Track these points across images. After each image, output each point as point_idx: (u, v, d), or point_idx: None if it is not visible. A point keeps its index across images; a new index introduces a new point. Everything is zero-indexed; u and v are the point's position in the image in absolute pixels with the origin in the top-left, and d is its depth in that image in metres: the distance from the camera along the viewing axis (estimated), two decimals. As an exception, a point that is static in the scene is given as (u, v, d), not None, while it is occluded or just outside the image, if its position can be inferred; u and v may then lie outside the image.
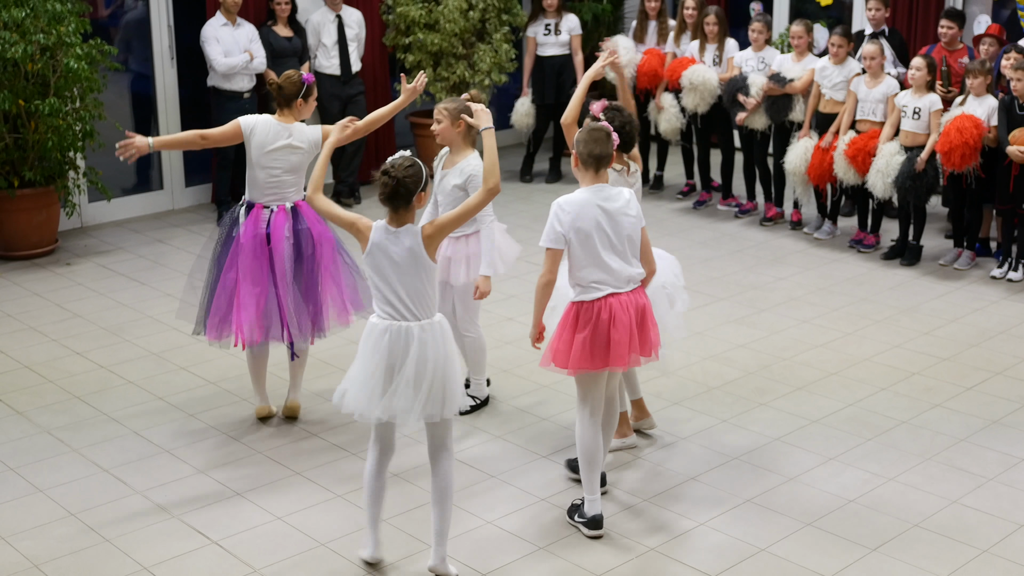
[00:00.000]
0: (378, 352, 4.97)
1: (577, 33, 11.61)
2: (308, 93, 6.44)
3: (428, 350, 4.96)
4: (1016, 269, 8.87)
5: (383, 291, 4.99)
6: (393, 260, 4.97)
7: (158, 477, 5.97)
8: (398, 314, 4.97)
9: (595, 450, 5.46)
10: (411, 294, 4.97)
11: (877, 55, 9.13)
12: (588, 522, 5.46)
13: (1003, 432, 6.45)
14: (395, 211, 5.03)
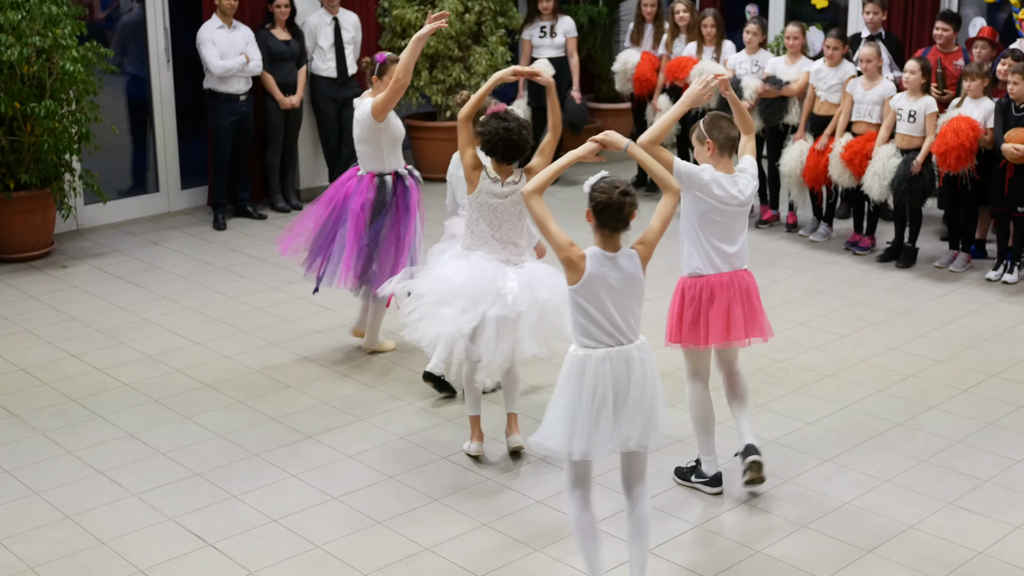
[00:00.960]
0: (600, 382, 4.68)
1: (572, 35, 11.62)
2: (381, 71, 6.99)
3: (648, 370, 4.76)
4: (1011, 271, 8.88)
5: (596, 318, 4.68)
6: (611, 286, 4.67)
7: (154, 479, 5.97)
8: (613, 339, 4.70)
9: (707, 415, 5.76)
10: (625, 316, 4.71)
11: (874, 58, 9.15)
12: (709, 481, 5.79)
13: (998, 434, 6.46)
14: (613, 233, 4.70)
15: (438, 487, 5.88)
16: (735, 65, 10.26)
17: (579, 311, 4.70)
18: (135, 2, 10.54)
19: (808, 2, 12.16)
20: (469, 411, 6.22)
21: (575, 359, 4.73)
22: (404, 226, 7.20)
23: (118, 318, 8.19)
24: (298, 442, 6.38)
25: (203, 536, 5.44)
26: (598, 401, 4.68)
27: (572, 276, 4.68)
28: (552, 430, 4.75)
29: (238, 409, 6.78)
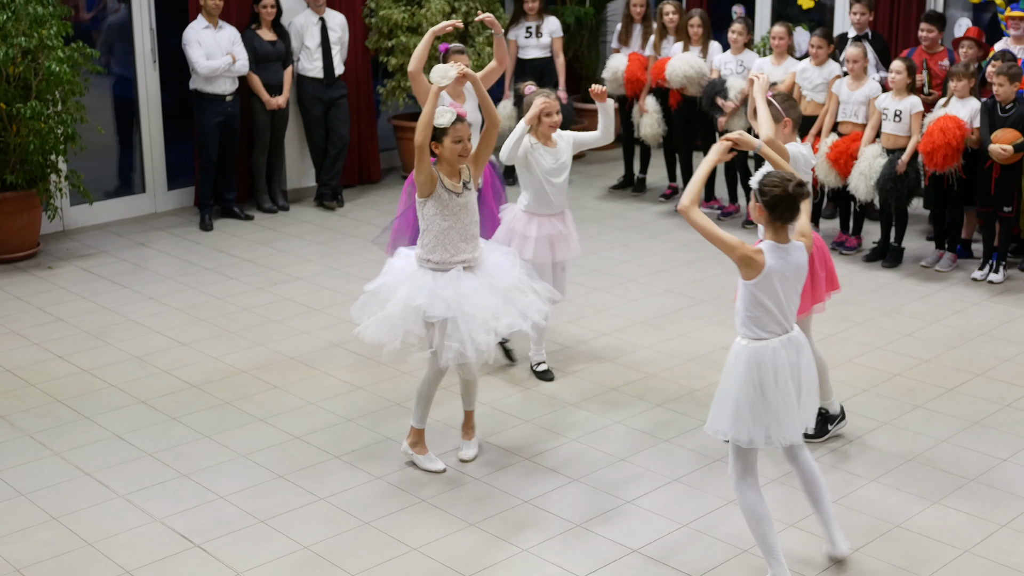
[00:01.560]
0: (781, 371, 4.83)
1: (558, 36, 11.61)
2: (443, 61, 7.09)
3: (809, 353, 4.99)
4: (997, 271, 8.91)
5: (771, 310, 4.81)
6: (785, 277, 4.81)
7: (140, 481, 5.96)
8: (781, 328, 4.86)
9: (823, 367, 6.11)
10: (792, 305, 4.87)
11: (860, 58, 9.16)
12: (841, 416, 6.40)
13: (984, 433, 6.48)
14: (785, 225, 4.84)
15: (425, 487, 5.89)
16: (720, 65, 10.28)
17: (756, 305, 4.83)
18: (121, 2, 10.52)
19: (794, 2, 12.18)
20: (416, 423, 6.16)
21: (751, 351, 4.85)
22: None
23: (104, 319, 8.18)
24: (285, 443, 6.37)
25: (190, 537, 5.43)
26: (783, 389, 4.85)
27: (750, 272, 4.79)
28: (729, 420, 4.88)
29: (225, 410, 6.78)
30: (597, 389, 7.05)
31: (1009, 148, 8.48)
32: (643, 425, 6.57)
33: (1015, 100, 8.61)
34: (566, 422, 6.62)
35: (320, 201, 11.01)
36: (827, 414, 6.38)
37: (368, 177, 11.91)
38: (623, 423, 6.60)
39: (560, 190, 7.03)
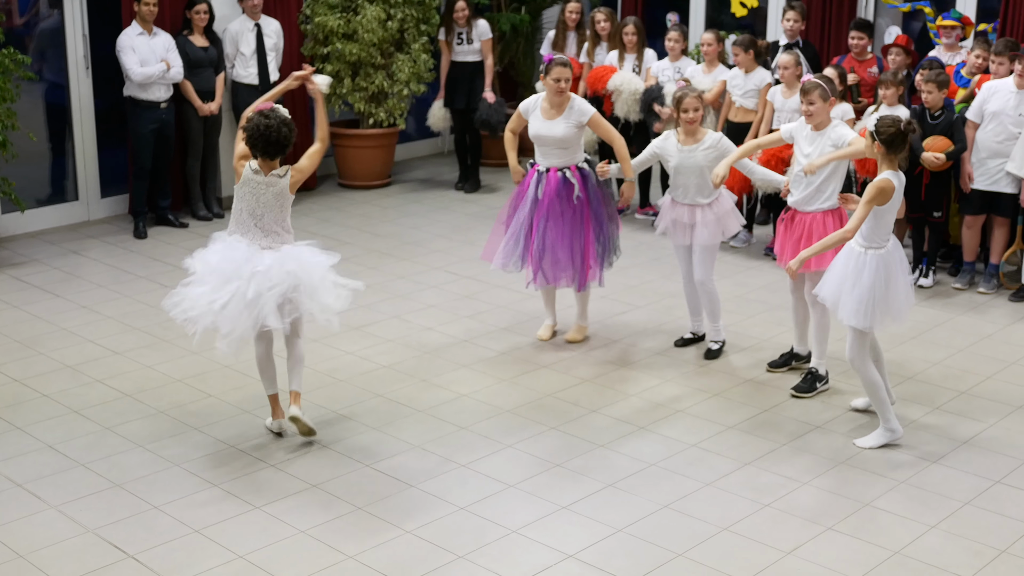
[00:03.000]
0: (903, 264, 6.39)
1: (487, 38, 11.63)
2: (546, 71, 7.53)
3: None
4: (927, 276, 9.04)
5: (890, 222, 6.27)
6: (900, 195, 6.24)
7: (73, 491, 5.90)
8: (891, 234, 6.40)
9: (827, 328, 7.17)
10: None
11: (791, 65, 9.23)
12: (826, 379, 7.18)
13: (914, 435, 6.57)
14: (896, 156, 6.18)
15: (362, 495, 5.88)
16: (658, 73, 10.36)
17: (882, 222, 6.19)
18: (53, 8, 10.42)
19: (728, 10, 12.30)
20: (267, 391, 6.53)
21: (879, 256, 6.24)
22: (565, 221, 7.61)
23: (36, 328, 8.09)
24: (220, 452, 6.34)
25: (123, 548, 5.39)
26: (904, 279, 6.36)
27: (884, 198, 6.09)
28: (862, 311, 6.23)
29: (159, 419, 6.73)
30: (532, 395, 7.07)
31: (941, 156, 8.60)
32: (578, 430, 6.60)
33: (943, 107, 8.74)
34: (502, 428, 6.64)
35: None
36: (817, 373, 7.14)
37: (304, 184, 11.82)
38: (558, 428, 6.63)
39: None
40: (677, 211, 7.56)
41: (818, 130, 7.04)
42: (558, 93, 7.50)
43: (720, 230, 7.55)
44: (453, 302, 8.68)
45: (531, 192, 7.66)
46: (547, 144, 7.60)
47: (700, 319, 7.91)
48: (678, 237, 7.62)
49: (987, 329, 8.19)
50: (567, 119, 7.53)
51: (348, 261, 9.55)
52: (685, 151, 7.45)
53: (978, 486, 6.00)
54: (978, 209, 8.94)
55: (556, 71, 7.48)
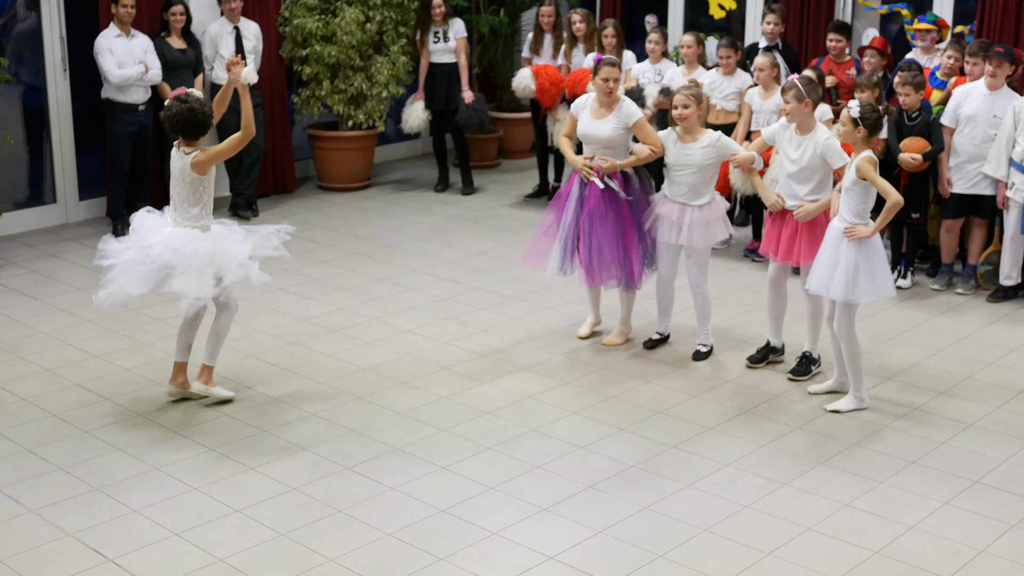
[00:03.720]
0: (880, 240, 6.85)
1: (461, 36, 11.63)
2: (594, 71, 7.66)
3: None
4: (905, 277, 9.07)
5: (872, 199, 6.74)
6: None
7: (52, 495, 5.88)
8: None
9: (819, 314, 7.35)
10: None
11: (767, 67, 9.25)
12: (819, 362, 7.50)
13: (893, 436, 6.60)
14: (874, 138, 6.72)
15: (342, 497, 5.87)
16: (639, 75, 10.36)
17: (870, 194, 6.64)
18: (31, 10, 10.38)
19: (706, 12, 12.33)
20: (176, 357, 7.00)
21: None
22: (609, 221, 7.67)
23: (14, 332, 8.06)
24: (199, 455, 6.32)
25: (103, 552, 5.37)
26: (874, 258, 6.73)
27: (874, 171, 6.55)
28: (848, 287, 6.65)
29: (138, 422, 6.71)
30: (512, 397, 7.07)
31: (919, 157, 8.64)
32: (563, 433, 6.61)
33: (920, 109, 8.78)
34: (482, 430, 6.64)
35: (235, 211, 10.93)
36: (811, 356, 7.40)
37: (283, 187, 11.86)
38: (538, 431, 6.63)
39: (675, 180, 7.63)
40: (667, 207, 7.59)
41: (803, 134, 7.10)
42: (607, 93, 7.59)
43: (709, 234, 7.57)
44: (433, 304, 8.68)
45: (575, 193, 7.75)
46: (594, 143, 7.69)
47: (668, 320, 7.98)
48: (664, 233, 7.61)
49: (965, 330, 8.23)
50: (616, 119, 7.61)
51: (328, 263, 9.58)
52: (683, 148, 7.50)
53: (957, 486, 6.03)
54: (957, 212, 8.98)
55: (604, 71, 7.56)
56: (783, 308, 7.54)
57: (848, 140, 6.69)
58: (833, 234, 6.77)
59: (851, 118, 6.60)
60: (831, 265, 6.72)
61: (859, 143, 6.62)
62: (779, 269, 7.42)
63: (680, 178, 7.52)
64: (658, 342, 7.95)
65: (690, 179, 7.48)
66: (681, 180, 7.51)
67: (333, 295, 8.85)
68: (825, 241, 6.84)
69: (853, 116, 6.58)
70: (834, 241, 6.74)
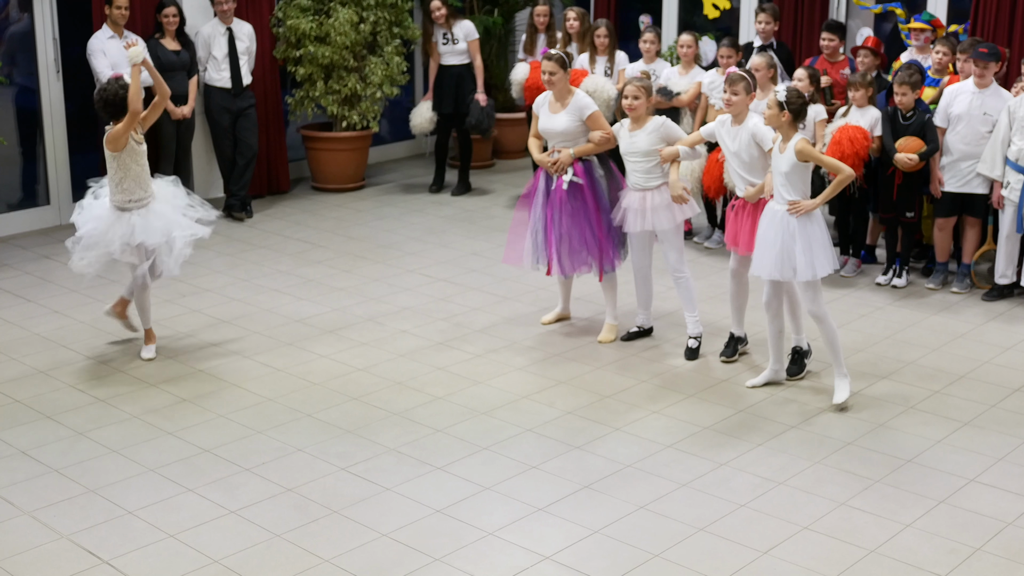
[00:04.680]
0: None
1: (473, 38, 11.61)
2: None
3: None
4: (900, 276, 9.08)
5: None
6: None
7: (46, 497, 5.86)
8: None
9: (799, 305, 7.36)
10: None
11: (763, 67, 9.24)
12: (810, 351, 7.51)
13: (888, 435, 6.59)
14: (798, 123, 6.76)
15: (337, 498, 5.86)
16: (632, 75, 10.34)
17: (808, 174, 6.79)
18: (23, 12, 10.36)
19: (700, 12, 12.33)
20: (145, 325, 7.70)
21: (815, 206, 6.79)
22: (576, 211, 7.82)
23: (9, 333, 8.05)
24: (194, 456, 6.31)
25: (98, 553, 5.36)
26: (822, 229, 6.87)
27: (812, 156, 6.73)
28: (830, 259, 6.78)
29: (133, 424, 6.70)
30: (508, 397, 7.07)
31: (914, 157, 8.65)
32: (557, 433, 6.60)
33: (915, 108, 8.78)
34: (477, 431, 6.63)
35: (229, 212, 10.92)
36: (801, 349, 7.44)
37: (277, 187, 11.85)
38: (533, 431, 6.62)
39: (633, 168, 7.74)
40: (630, 197, 7.72)
41: (738, 123, 7.27)
42: (549, 86, 7.84)
43: (674, 213, 7.65)
44: (428, 305, 8.67)
45: (541, 187, 7.92)
46: (552, 137, 7.87)
47: (647, 312, 8.08)
48: (631, 223, 7.71)
49: (960, 328, 8.23)
50: (569, 113, 7.80)
51: (322, 264, 9.57)
52: (630, 137, 7.68)
53: (953, 484, 6.03)
54: (950, 211, 8.99)
55: (543, 65, 7.79)
56: (745, 299, 7.66)
57: (773, 123, 6.79)
58: (775, 217, 6.85)
59: (776, 102, 6.70)
60: (778, 248, 6.80)
61: (784, 127, 6.74)
62: (740, 260, 7.47)
63: (633, 166, 7.67)
64: (637, 335, 8.04)
65: (642, 164, 7.61)
66: (635, 167, 7.65)
67: (328, 296, 8.84)
68: (764, 225, 6.91)
69: (779, 100, 6.69)
70: (779, 223, 6.81)
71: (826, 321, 6.90)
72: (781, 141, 6.80)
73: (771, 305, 7.11)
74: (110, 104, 7.30)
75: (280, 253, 9.89)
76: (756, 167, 7.21)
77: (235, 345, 7.83)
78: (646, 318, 8.07)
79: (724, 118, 7.35)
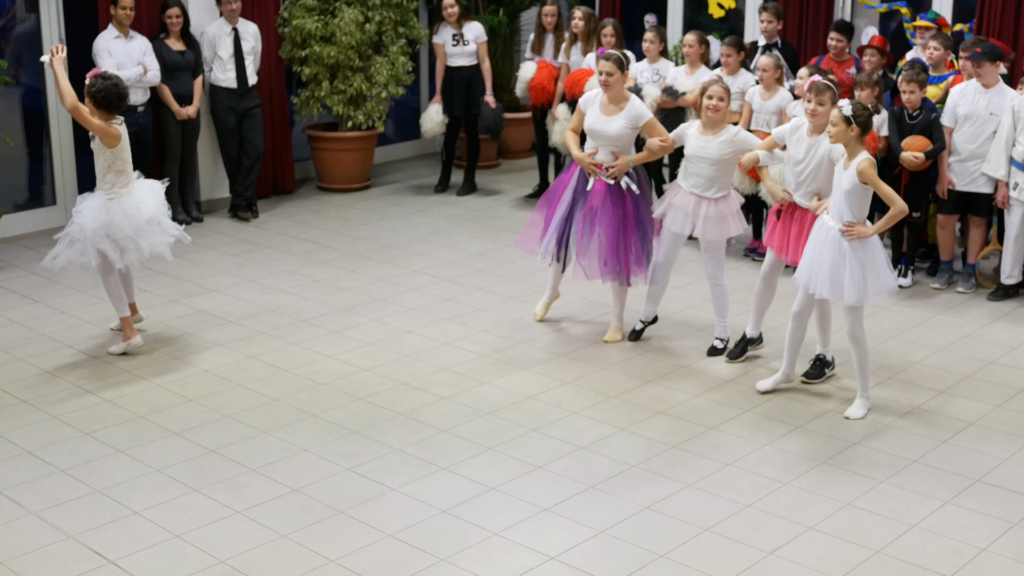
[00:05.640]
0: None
1: (482, 40, 11.61)
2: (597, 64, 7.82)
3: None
4: (906, 276, 9.07)
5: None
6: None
7: (53, 497, 5.87)
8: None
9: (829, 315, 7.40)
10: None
11: (770, 68, 9.25)
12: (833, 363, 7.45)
13: (893, 435, 6.59)
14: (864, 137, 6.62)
15: (343, 498, 5.87)
16: (636, 74, 10.34)
17: (869, 196, 6.63)
18: (30, 12, 10.37)
19: (706, 11, 12.32)
20: (121, 313, 7.71)
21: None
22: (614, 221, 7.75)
23: (15, 333, 8.06)
24: (200, 456, 6.32)
25: (104, 553, 5.37)
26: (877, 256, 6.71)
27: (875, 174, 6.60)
28: (859, 290, 6.62)
29: (139, 424, 6.71)
30: (513, 398, 7.07)
31: (921, 156, 8.64)
32: (566, 432, 6.60)
33: (922, 107, 8.77)
34: (483, 431, 6.63)
35: (234, 212, 10.93)
36: (825, 359, 7.37)
37: (283, 187, 11.85)
38: (539, 431, 6.63)
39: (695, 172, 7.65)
40: (682, 198, 7.64)
41: (816, 134, 7.05)
42: (604, 87, 7.72)
43: (723, 228, 7.62)
44: (433, 305, 8.67)
45: (573, 185, 7.87)
46: (600, 139, 7.77)
47: (655, 305, 8.06)
48: (675, 223, 7.65)
49: (966, 328, 8.22)
50: (625, 118, 7.72)
51: (328, 264, 9.57)
52: (701, 140, 7.56)
53: (958, 484, 6.03)
54: (953, 209, 8.98)
55: (599, 65, 7.73)
56: (769, 302, 7.58)
57: (841, 140, 6.58)
58: (829, 234, 6.69)
59: (843, 117, 6.53)
60: (827, 267, 6.66)
61: (852, 142, 6.57)
62: (774, 263, 7.42)
63: (697, 170, 7.56)
64: (641, 331, 8.05)
65: (707, 171, 7.52)
66: (699, 172, 7.56)
67: (333, 296, 8.85)
68: (818, 240, 6.75)
69: (845, 115, 6.52)
70: (832, 242, 6.66)
71: (862, 345, 6.80)
72: (846, 158, 6.64)
73: (801, 316, 7.03)
74: (125, 96, 7.61)
75: (286, 253, 9.90)
76: (821, 181, 7.03)
77: (241, 345, 7.84)
78: (652, 311, 8.07)
79: (798, 123, 7.18)
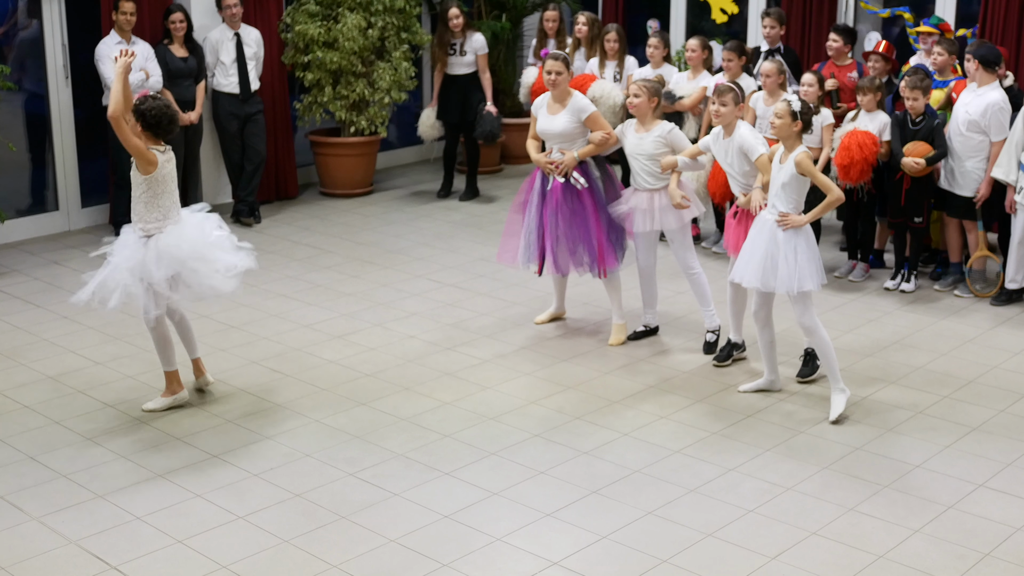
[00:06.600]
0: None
1: (483, 52, 11.61)
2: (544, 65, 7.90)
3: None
4: (908, 281, 9.06)
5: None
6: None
7: (55, 502, 5.87)
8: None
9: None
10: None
11: (773, 73, 9.22)
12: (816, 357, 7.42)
13: (897, 440, 6.58)
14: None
15: (345, 504, 5.86)
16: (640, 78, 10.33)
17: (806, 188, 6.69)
18: (32, 18, 10.38)
19: (709, 17, 12.32)
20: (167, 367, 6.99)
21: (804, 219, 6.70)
22: (574, 213, 7.85)
23: (17, 339, 8.06)
24: (202, 461, 6.32)
25: (106, 559, 5.37)
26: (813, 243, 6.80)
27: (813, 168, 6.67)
28: (805, 277, 6.63)
29: (141, 429, 6.70)
30: (516, 403, 7.06)
31: (922, 161, 8.63)
32: (559, 440, 6.59)
33: (924, 113, 8.77)
34: (485, 436, 6.63)
35: (237, 217, 10.93)
36: (813, 353, 7.37)
37: (285, 193, 11.86)
38: (541, 436, 6.62)
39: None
40: (636, 198, 7.78)
41: (728, 135, 7.28)
42: (552, 86, 7.83)
43: (680, 213, 7.70)
44: (435, 310, 8.67)
45: (537, 188, 7.95)
46: (550, 138, 7.90)
47: (654, 311, 8.15)
48: (639, 224, 7.78)
49: (969, 333, 8.21)
50: (568, 114, 7.82)
51: (330, 270, 9.57)
52: (636, 137, 7.75)
53: (961, 489, 6.02)
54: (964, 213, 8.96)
55: (547, 64, 7.82)
56: (743, 305, 7.58)
57: (783, 133, 6.66)
58: (765, 226, 6.79)
59: (790, 111, 6.61)
60: (760, 256, 6.76)
61: (793, 137, 6.65)
62: None
63: (637, 166, 7.73)
64: (644, 334, 8.11)
65: (648, 166, 7.69)
66: (641, 168, 7.72)
67: (336, 301, 8.85)
68: (754, 233, 6.87)
69: (793, 109, 6.60)
70: (767, 233, 6.75)
71: (817, 332, 6.85)
72: (783, 152, 6.75)
73: (759, 315, 7.08)
74: (176, 120, 6.83)
75: (288, 258, 9.90)
76: (749, 178, 7.21)
77: (243, 351, 7.84)
78: (652, 317, 8.13)
79: (717, 131, 7.36)
